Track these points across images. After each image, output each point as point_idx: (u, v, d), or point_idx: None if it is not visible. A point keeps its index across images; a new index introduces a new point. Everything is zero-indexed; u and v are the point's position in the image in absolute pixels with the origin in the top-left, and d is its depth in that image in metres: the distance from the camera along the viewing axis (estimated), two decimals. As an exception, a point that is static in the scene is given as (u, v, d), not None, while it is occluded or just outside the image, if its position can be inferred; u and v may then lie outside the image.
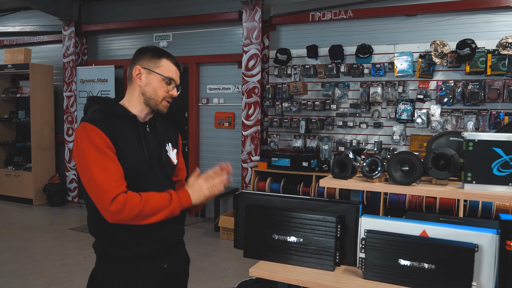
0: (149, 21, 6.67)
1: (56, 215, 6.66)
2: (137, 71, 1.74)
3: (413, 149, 5.09)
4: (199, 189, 1.71)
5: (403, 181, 1.79)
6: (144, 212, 1.56)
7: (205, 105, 6.48)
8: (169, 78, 1.75)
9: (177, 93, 1.81)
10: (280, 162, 5.42)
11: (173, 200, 1.63)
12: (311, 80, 5.61)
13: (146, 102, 1.75)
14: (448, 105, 4.88)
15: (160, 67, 1.74)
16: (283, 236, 1.88)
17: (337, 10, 5.44)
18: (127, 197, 1.54)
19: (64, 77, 7.23)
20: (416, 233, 1.75)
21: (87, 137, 1.57)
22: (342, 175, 1.91)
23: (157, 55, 1.76)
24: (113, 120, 1.67)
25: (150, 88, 1.73)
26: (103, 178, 1.53)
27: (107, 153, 1.57)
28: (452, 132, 2.03)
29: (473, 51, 4.64)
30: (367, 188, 1.83)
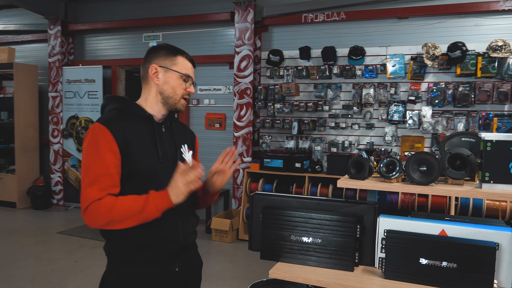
0: (139, 21, 6.59)
1: (41, 218, 6.50)
2: (153, 70, 1.71)
3: (404, 149, 5.16)
4: (175, 186, 1.56)
5: (422, 181, 1.80)
6: (115, 218, 1.52)
7: (195, 106, 6.42)
8: (186, 75, 1.73)
9: (194, 89, 1.80)
10: (273, 163, 5.41)
11: (148, 204, 1.54)
12: (304, 81, 5.63)
13: (165, 101, 1.72)
14: (439, 106, 4.97)
15: (177, 65, 1.72)
16: (301, 237, 1.87)
17: (329, 12, 5.48)
18: (99, 205, 1.51)
19: (49, 77, 7.07)
20: (435, 233, 1.77)
21: (93, 138, 1.57)
22: (359, 175, 1.91)
23: (173, 52, 1.74)
24: (128, 120, 1.65)
25: (168, 86, 1.71)
26: (88, 184, 1.53)
27: (105, 159, 1.54)
28: (464, 132, 2.06)
29: (464, 54, 4.73)
30: (385, 189, 1.84)
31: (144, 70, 1.75)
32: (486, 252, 1.61)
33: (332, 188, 5.14)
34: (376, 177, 1.99)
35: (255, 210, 1.99)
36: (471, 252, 1.63)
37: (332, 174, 5.16)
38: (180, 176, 1.55)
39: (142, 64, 1.78)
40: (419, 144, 5.11)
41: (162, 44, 1.79)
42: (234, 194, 5.90)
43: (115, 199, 1.54)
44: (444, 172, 1.85)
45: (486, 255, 1.61)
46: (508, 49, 4.61)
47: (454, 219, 1.90)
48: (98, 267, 4.42)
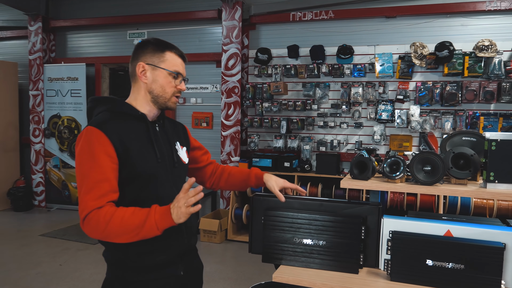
0: (123, 18, 6.45)
1: (23, 220, 6.31)
2: (141, 68, 1.63)
3: (393, 148, 5.18)
4: (177, 206, 1.45)
5: (427, 181, 1.78)
6: (112, 232, 1.42)
7: (182, 105, 6.33)
8: (175, 72, 1.65)
9: (185, 86, 1.72)
10: (262, 162, 5.37)
11: (149, 220, 1.44)
12: (292, 80, 5.60)
13: (154, 100, 1.65)
14: (426, 105, 5.00)
15: (165, 61, 1.63)
16: (305, 239, 1.83)
17: (318, 11, 5.46)
18: (98, 215, 1.42)
19: (30, 75, 6.86)
20: (440, 233, 1.74)
21: (87, 143, 1.48)
22: (362, 176, 1.88)
23: (160, 48, 1.65)
24: (122, 121, 1.58)
25: (157, 85, 1.63)
26: (86, 192, 1.45)
27: (102, 164, 1.47)
28: (465, 131, 2.05)
29: (451, 53, 4.77)
30: (389, 189, 1.81)
31: (132, 68, 1.67)
32: (493, 253, 1.60)
33: (322, 187, 5.13)
34: (378, 177, 1.97)
35: (256, 212, 1.94)
36: (478, 253, 1.61)
37: (321, 173, 5.15)
38: (183, 198, 1.45)
39: (130, 62, 1.70)
40: (407, 143, 5.13)
41: (149, 39, 1.69)
42: (222, 194, 5.83)
43: (115, 211, 1.44)
44: (448, 172, 1.83)
45: (494, 256, 1.59)
46: (494, 49, 4.67)
47: (459, 219, 1.89)
48: (84, 271, 4.30)
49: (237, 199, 5.57)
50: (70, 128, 6.75)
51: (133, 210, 1.47)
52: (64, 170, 6.86)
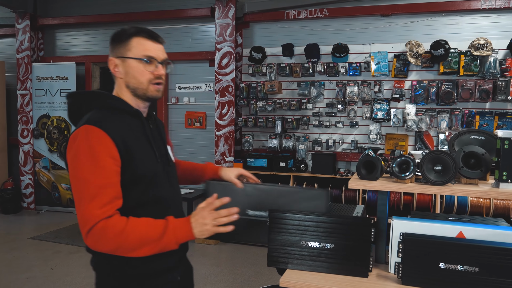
0: (114, 16, 6.33)
1: (11, 223, 6.15)
2: (112, 64, 1.52)
3: (388, 147, 5.15)
4: (202, 222, 1.39)
5: (438, 181, 1.72)
6: (125, 245, 1.32)
7: (174, 104, 6.23)
8: (146, 57, 1.48)
9: (165, 70, 1.55)
10: (257, 162, 5.30)
11: (167, 233, 1.35)
12: (287, 79, 5.54)
13: (135, 93, 1.52)
14: (422, 104, 4.98)
15: (132, 49, 1.48)
16: (312, 242, 1.76)
17: (312, 9, 5.40)
18: (106, 225, 1.30)
19: (18, 74, 6.70)
20: (452, 235, 1.69)
21: (87, 144, 1.34)
22: (371, 176, 1.81)
23: (125, 36, 1.50)
24: (120, 118, 1.46)
25: (130, 77, 1.50)
26: (89, 199, 1.30)
27: (105, 167, 1.33)
28: (472, 130, 2.00)
29: (447, 52, 4.75)
30: (399, 189, 1.75)
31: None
32: (509, 255, 1.55)
33: (317, 187, 5.08)
34: (386, 177, 1.91)
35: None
36: (494, 255, 1.56)
37: (317, 173, 5.10)
38: (211, 214, 1.39)
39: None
40: (403, 142, 5.10)
41: (118, 29, 1.55)
42: (216, 195, 5.74)
43: (126, 222, 1.33)
44: (459, 172, 1.78)
45: (510, 258, 1.54)
46: (489, 47, 4.66)
47: (465, 219, 1.84)
48: (76, 275, 4.19)
49: (231, 200, 5.48)
50: (59, 129, 6.61)
51: (147, 221, 1.36)
52: (54, 171, 6.71)
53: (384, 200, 1.88)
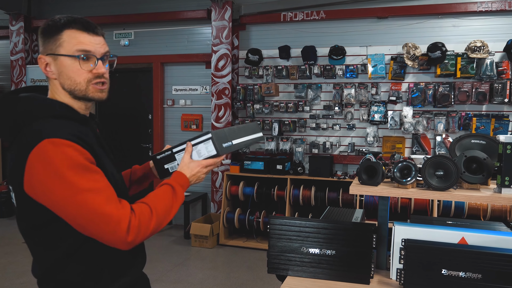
0: (109, 18, 6.28)
1: (6, 227, 6.09)
2: (43, 63, 1.30)
3: (385, 150, 5.14)
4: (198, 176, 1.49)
5: (440, 187, 1.71)
6: (161, 220, 1.28)
7: (170, 107, 6.19)
8: (80, 53, 1.27)
9: (105, 67, 1.33)
10: (253, 165, 5.27)
11: (176, 189, 1.37)
12: (283, 81, 5.52)
13: (73, 95, 1.31)
14: (419, 106, 4.97)
15: (63, 44, 1.27)
16: (313, 249, 1.74)
17: (309, 11, 5.39)
18: (138, 215, 1.22)
19: (11, 77, 6.64)
20: (455, 241, 1.68)
21: (63, 157, 1.14)
22: (371, 181, 1.79)
23: (55, 29, 1.28)
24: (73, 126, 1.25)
25: (64, 77, 1.29)
26: (105, 203, 1.17)
27: (95, 169, 1.21)
28: (473, 134, 1.99)
29: (443, 54, 4.75)
30: (401, 195, 1.73)
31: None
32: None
33: (315, 190, 5.06)
34: (387, 182, 1.89)
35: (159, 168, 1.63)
36: (496, 262, 1.54)
37: (314, 175, 5.08)
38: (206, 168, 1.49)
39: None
40: (400, 145, 5.10)
41: (46, 21, 1.32)
42: (213, 198, 5.71)
43: (146, 203, 1.28)
44: (461, 177, 1.76)
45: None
46: (486, 50, 4.67)
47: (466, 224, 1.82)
48: (71, 279, 4.13)
49: (228, 203, 5.46)
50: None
51: (155, 192, 1.35)
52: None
53: (385, 206, 1.86)
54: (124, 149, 6.51)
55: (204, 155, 1.50)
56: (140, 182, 1.72)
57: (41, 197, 1.17)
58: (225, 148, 1.54)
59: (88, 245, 1.26)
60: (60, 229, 1.22)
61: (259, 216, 5.22)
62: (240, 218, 5.30)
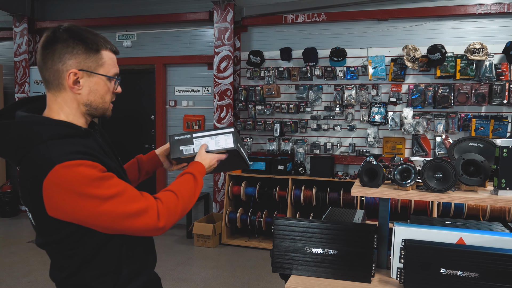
0: (111, 19, 6.34)
1: (10, 227, 6.15)
2: (73, 77, 1.26)
3: (386, 151, 5.20)
4: (211, 163, 1.57)
5: (439, 189, 1.77)
6: (185, 204, 1.36)
7: (173, 108, 6.26)
8: (117, 76, 1.37)
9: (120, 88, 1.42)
10: (255, 165, 5.33)
11: (196, 176, 1.46)
12: (285, 82, 5.58)
13: (90, 113, 1.35)
14: (419, 108, 5.03)
15: (104, 65, 1.31)
16: (316, 249, 1.80)
17: (310, 13, 5.45)
18: (164, 201, 1.30)
19: (15, 78, 6.70)
20: (453, 241, 1.73)
21: (79, 177, 1.15)
22: (373, 183, 1.85)
23: (94, 46, 1.29)
24: (77, 142, 1.24)
25: (96, 96, 1.32)
26: (130, 201, 1.22)
27: (110, 176, 1.22)
28: (471, 138, 2.05)
29: (443, 56, 4.81)
30: (401, 197, 1.79)
31: (52, 73, 1.27)
32: (508, 261, 1.59)
33: (316, 190, 5.12)
34: (388, 184, 1.95)
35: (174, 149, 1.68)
36: (493, 261, 1.60)
37: (315, 176, 5.14)
38: (216, 157, 1.59)
39: (42, 61, 1.28)
40: (400, 145, 5.16)
41: (70, 28, 1.28)
42: (215, 198, 5.78)
43: (170, 190, 1.35)
44: (459, 179, 1.82)
45: (509, 264, 1.59)
46: (485, 51, 4.72)
47: (464, 224, 1.88)
48: (76, 278, 4.19)
49: (230, 203, 5.52)
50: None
51: (179, 180, 1.42)
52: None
53: (386, 207, 1.92)
54: (127, 149, 6.57)
55: (222, 146, 1.61)
56: (148, 169, 1.77)
57: (69, 217, 1.19)
58: (238, 147, 1.65)
59: (106, 250, 1.31)
60: (80, 237, 1.26)
61: (261, 216, 5.29)
62: (242, 218, 5.36)
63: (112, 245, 1.31)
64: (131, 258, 1.39)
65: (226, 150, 1.61)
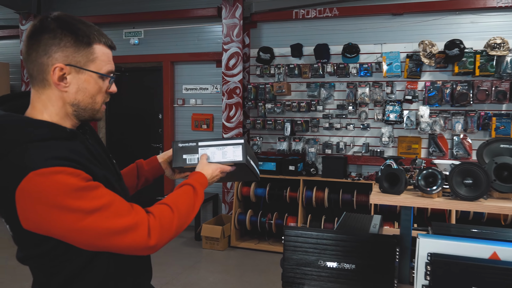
0: (118, 16, 6.21)
1: (16, 227, 6.06)
2: (58, 72, 1.11)
3: (401, 151, 4.99)
4: (215, 175, 1.44)
5: (469, 197, 1.58)
6: (182, 220, 1.21)
7: (181, 106, 6.11)
8: (111, 74, 1.21)
9: (115, 87, 1.25)
10: (265, 166, 5.16)
11: (197, 188, 1.31)
12: (296, 80, 5.40)
13: (78, 114, 1.17)
14: (436, 106, 4.82)
15: (96, 60, 1.15)
16: (331, 262, 1.63)
17: (321, 8, 5.25)
18: (157, 216, 1.14)
19: (22, 76, 6.63)
20: (486, 256, 1.55)
21: (56, 186, 1.00)
22: (394, 190, 1.67)
23: (85, 39, 1.13)
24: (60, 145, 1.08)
25: (85, 95, 1.16)
26: (116, 216, 1.07)
27: (95, 185, 1.06)
28: (502, 138, 1.86)
29: (461, 52, 4.59)
30: (426, 205, 1.61)
31: (36, 66, 1.12)
32: (551, 280, 1.41)
33: (328, 192, 4.93)
34: (410, 189, 1.77)
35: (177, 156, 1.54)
36: (533, 279, 1.42)
37: (327, 177, 4.96)
38: (219, 169, 1.45)
39: (26, 52, 1.13)
40: (416, 145, 4.95)
41: (59, 17, 1.14)
42: (224, 199, 5.62)
43: (165, 204, 1.20)
44: (491, 185, 1.63)
45: (551, 283, 1.40)
46: (506, 47, 4.50)
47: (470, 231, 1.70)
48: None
49: (240, 204, 5.36)
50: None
51: (176, 192, 1.28)
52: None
53: (408, 216, 1.74)
54: (134, 149, 6.47)
55: (229, 158, 1.47)
56: (148, 176, 1.62)
57: (46, 231, 1.05)
58: (247, 160, 1.49)
59: (92, 267, 1.17)
60: (63, 253, 1.12)
61: (271, 218, 5.12)
62: (251, 220, 5.20)
63: (99, 262, 1.17)
64: (121, 277, 1.23)
65: (234, 163, 1.46)
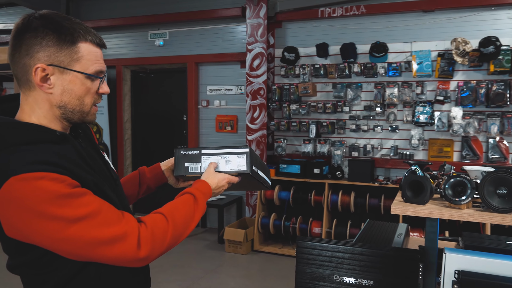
0: (144, 18, 6.24)
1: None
2: (40, 73, 1.05)
3: (432, 154, 4.77)
4: (222, 186, 1.36)
5: (502, 208, 1.42)
6: (177, 231, 1.13)
7: (205, 108, 6.07)
8: (99, 74, 1.12)
9: (108, 87, 1.17)
10: (289, 168, 5.04)
11: (198, 198, 1.23)
12: (321, 80, 5.25)
13: (67, 117, 1.11)
14: (469, 107, 4.57)
15: (81, 60, 1.08)
16: (348, 278, 1.50)
17: (348, 6, 5.09)
18: (150, 226, 1.07)
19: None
20: (521, 274, 1.39)
21: (38, 193, 0.94)
22: (418, 199, 1.53)
23: (69, 37, 1.06)
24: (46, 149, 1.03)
25: (70, 97, 1.09)
26: (103, 224, 1.00)
27: (81, 192, 1.01)
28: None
29: (497, 49, 4.33)
30: (453, 217, 1.47)
31: (20, 67, 1.07)
32: None
33: (354, 196, 4.77)
34: (436, 198, 1.62)
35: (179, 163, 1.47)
36: None
37: (353, 180, 4.79)
38: (225, 180, 1.36)
39: (10, 53, 1.08)
40: (448, 148, 4.71)
41: (44, 15, 1.07)
42: (248, 202, 5.54)
43: (160, 213, 1.13)
44: (527, 196, 1.47)
45: None
46: (547, 43, 4.21)
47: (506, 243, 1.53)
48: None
49: (263, 207, 5.26)
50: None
51: (174, 202, 1.20)
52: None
53: (434, 228, 1.59)
54: (158, 150, 6.48)
55: (233, 167, 1.37)
56: (150, 184, 1.55)
57: (29, 239, 1.00)
58: (253, 170, 1.39)
59: (82, 277, 1.11)
60: (51, 262, 1.06)
61: (295, 222, 5.00)
62: (275, 224, 5.10)
63: (91, 272, 1.10)
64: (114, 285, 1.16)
65: (237, 173, 1.36)
